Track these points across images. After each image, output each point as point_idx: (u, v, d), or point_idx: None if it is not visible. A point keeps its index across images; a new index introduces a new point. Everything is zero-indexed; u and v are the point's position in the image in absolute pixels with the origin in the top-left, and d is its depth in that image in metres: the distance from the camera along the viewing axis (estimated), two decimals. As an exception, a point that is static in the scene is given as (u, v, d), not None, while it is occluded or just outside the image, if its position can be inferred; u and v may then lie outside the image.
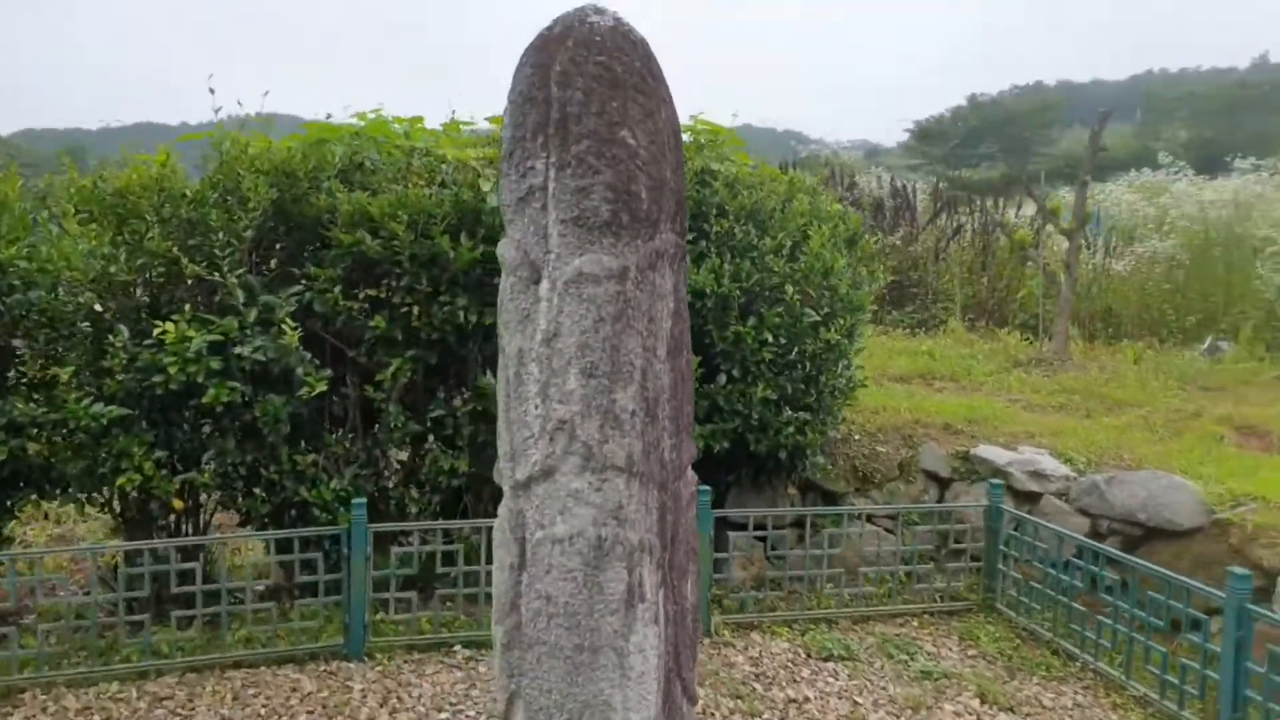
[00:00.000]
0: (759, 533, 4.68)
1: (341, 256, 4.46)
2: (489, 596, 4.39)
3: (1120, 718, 3.60)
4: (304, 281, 4.42)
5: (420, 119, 5.03)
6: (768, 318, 4.69)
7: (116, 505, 4.62)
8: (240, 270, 4.32)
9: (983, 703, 3.69)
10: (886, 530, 5.04)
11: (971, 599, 4.71)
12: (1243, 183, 10.15)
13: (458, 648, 4.20)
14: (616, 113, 2.41)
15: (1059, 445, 5.32)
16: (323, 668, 3.96)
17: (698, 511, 3.61)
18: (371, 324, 4.47)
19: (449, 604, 4.36)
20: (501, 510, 2.61)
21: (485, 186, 4.38)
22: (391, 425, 4.60)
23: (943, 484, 5.43)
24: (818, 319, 4.79)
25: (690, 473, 2.70)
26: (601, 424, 2.42)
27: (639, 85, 2.47)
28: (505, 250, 2.54)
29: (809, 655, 4.11)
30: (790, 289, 4.71)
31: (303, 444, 4.60)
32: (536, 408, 2.47)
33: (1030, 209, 11.41)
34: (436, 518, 4.71)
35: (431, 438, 4.68)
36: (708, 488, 4.36)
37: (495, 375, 4.54)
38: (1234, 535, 4.14)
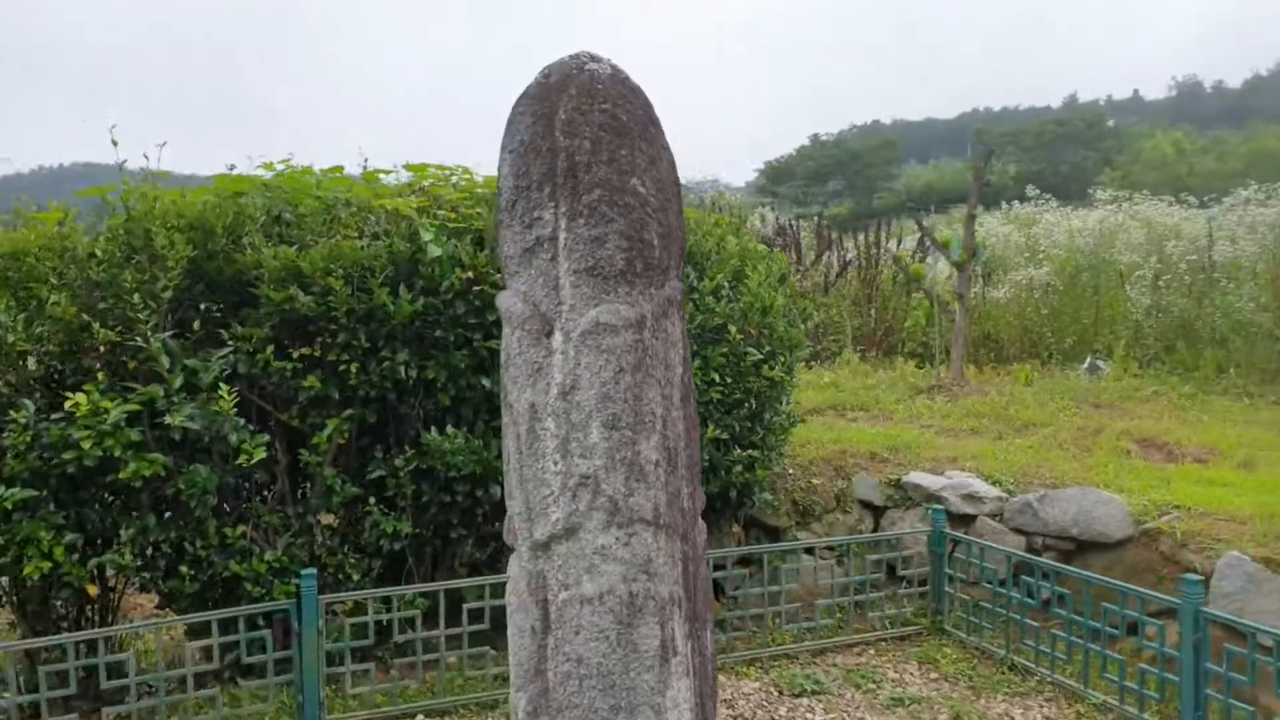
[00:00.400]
0: (718, 574, 4.66)
1: (270, 315, 4.24)
2: (450, 663, 4.22)
3: (1086, 728, 3.74)
4: (231, 342, 4.18)
5: (340, 168, 4.86)
6: (713, 358, 4.73)
7: (16, 596, 4.23)
8: (166, 334, 4.05)
9: (959, 725, 3.76)
10: (830, 560, 5.11)
11: (921, 623, 4.82)
12: (1105, 213, 10.98)
13: (420, 718, 3.99)
14: (625, 161, 2.39)
15: (983, 468, 5.53)
16: (277, 755, 3.69)
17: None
18: (305, 384, 4.26)
19: (408, 673, 4.15)
20: (515, 572, 2.51)
21: (426, 236, 4.26)
22: (328, 489, 4.38)
23: (877, 512, 5.56)
24: (760, 357, 4.85)
25: (701, 520, 2.67)
26: (627, 476, 2.37)
27: (643, 133, 2.46)
28: (509, 303, 2.47)
29: (781, 692, 4.11)
30: (733, 329, 4.76)
31: (229, 515, 4.33)
32: (556, 464, 2.39)
33: (910, 242, 11.95)
34: (378, 584, 4.50)
35: (372, 500, 4.47)
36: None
37: (440, 431, 4.44)
38: (1163, 544, 4.39)
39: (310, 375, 4.27)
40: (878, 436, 6.35)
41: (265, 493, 4.56)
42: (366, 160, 5.18)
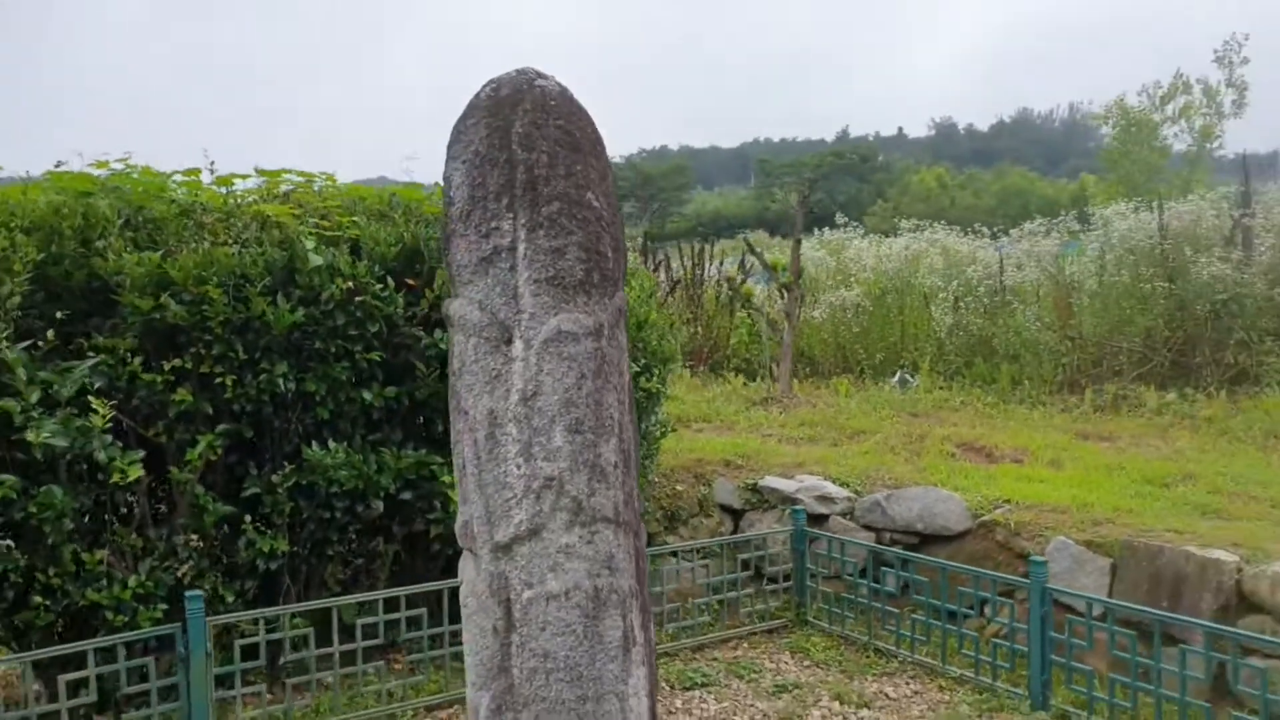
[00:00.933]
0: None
1: (134, 325, 4.00)
2: (344, 679, 4.10)
3: (951, 697, 4.14)
4: (92, 354, 3.90)
5: (197, 171, 4.62)
6: (592, 370, 4.85)
7: None
8: (22, 345, 3.73)
9: (842, 704, 4.06)
10: (694, 563, 5.33)
11: (786, 616, 5.13)
12: (909, 240, 12.01)
13: (309, 742, 3.87)
14: (581, 175, 2.51)
15: (829, 471, 5.95)
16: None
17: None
18: (175, 398, 4.04)
19: (299, 694, 4.01)
20: (473, 575, 2.54)
21: (308, 244, 4.15)
22: (199, 508, 4.16)
23: (737, 515, 5.86)
24: (637, 370, 5.02)
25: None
26: (589, 478, 2.47)
27: (593, 149, 2.58)
28: (464, 311, 2.51)
29: (673, 687, 4.27)
30: (609, 341, 4.91)
31: (84, 540, 4.03)
32: (519, 467, 2.45)
33: (730, 263, 12.56)
34: (253, 605, 4.30)
35: (248, 518, 4.28)
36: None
37: (323, 446, 4.32)
38: (999, 534, 4.91)
39: (180, 388, 4.06)
40: (727, 445, 6.67)
41: (125, 514, 4.26)
42: (214, 163, 4.95)
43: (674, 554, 5.22)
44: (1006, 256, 10.45)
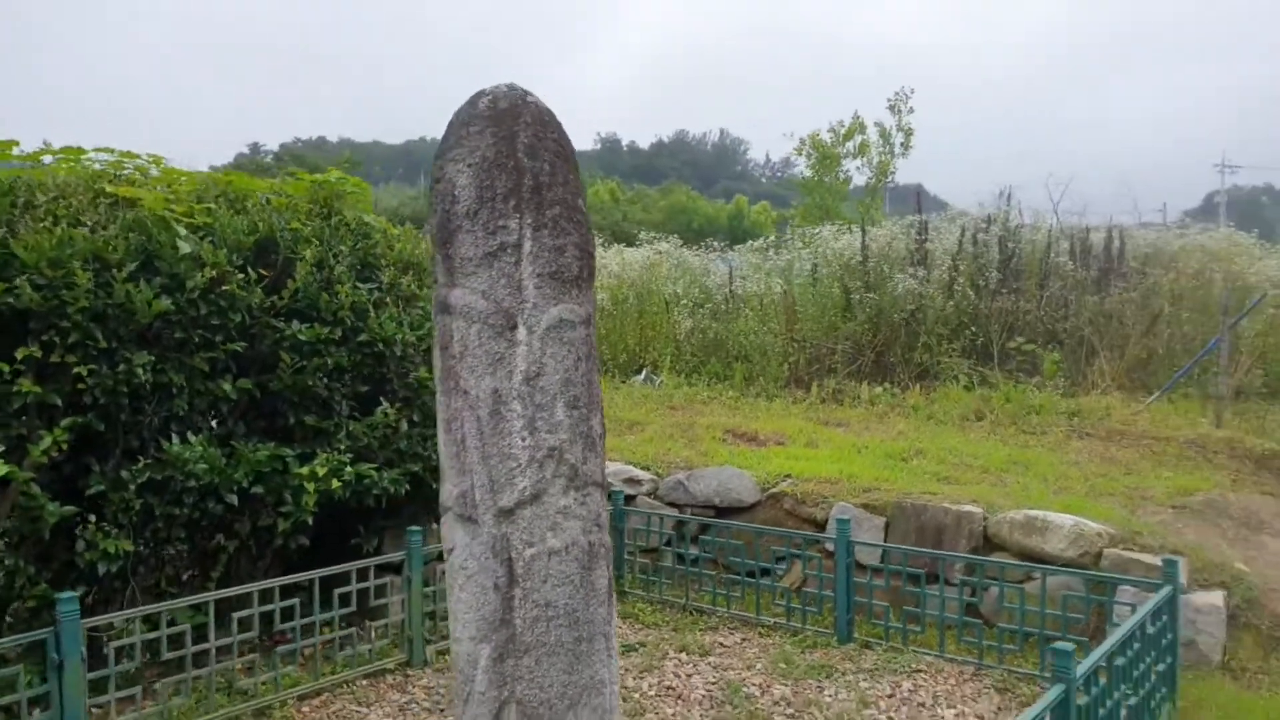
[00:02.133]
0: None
1: (-34, 310, 3.67)
2: (221, 674, 4.02)
3: (772, 642, 4.86)
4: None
5: (13, 143, 4.25)
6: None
7: None
8: None
9: (688, 654, 4.64)
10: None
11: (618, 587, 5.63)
12: (650, 250, 12.98)
13: (188, 740, 3.78)
14: (574, 184, 2.89)
15: (627, 457, 6.55)
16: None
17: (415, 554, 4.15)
18: (17, 388, 3.76)
19: (175, 693, 3.88)
20: (467, 540, 2.80)
21: (180, 230, 4.02)
22: (38, 510, 3.87)
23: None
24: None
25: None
26: (583, 447, 2.84)
27: (575, 162, 2.96)
28: (466, 300, 2.78)
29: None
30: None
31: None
32: (524, 440, 2.76)
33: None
34: (91, 611, 4.07)
35: (93, 518, 4.04)
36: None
37: (182, 440, 4.22)
38: (786, 503, 5.76)
39: (22, 379, 3.77)
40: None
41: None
42: (46, 141, 4.59)
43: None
44: (736, 270, 11.69)
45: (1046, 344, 9.84)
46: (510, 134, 2.79)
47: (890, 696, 4.05)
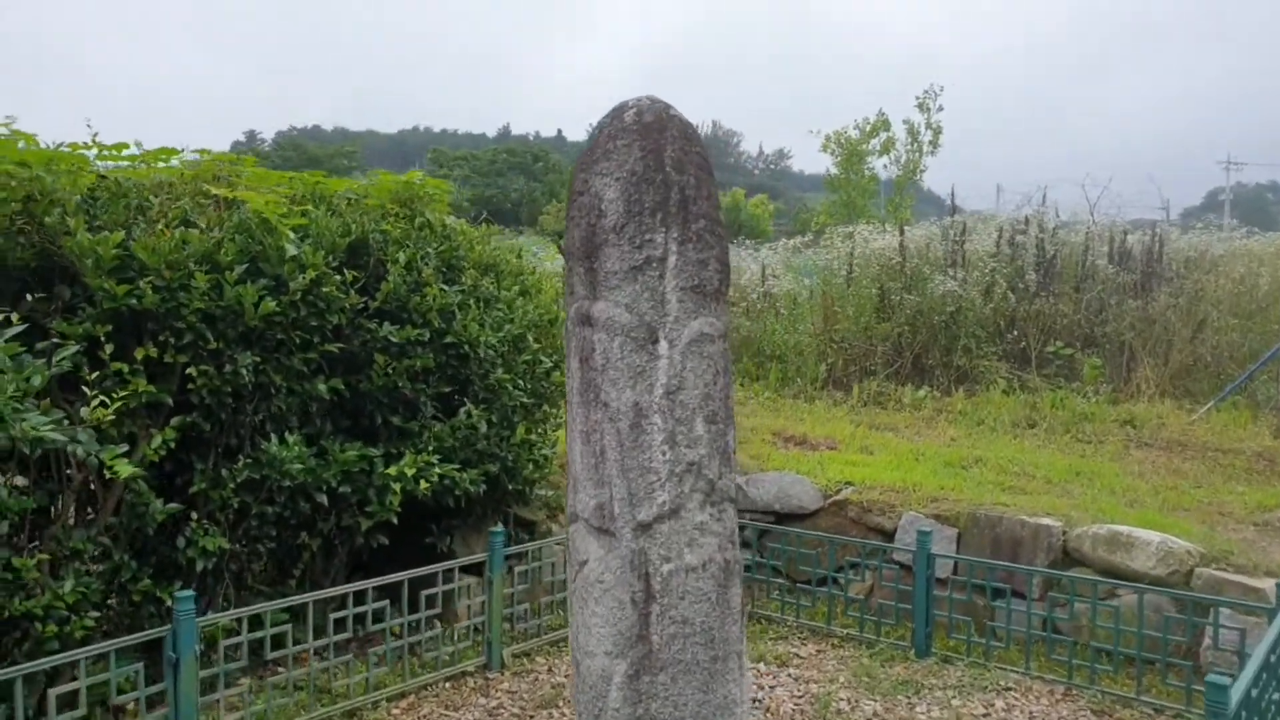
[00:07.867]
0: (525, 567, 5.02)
1: (104, 311, 3.69)
2: (327, 671, 4.04)
3: (847, 654, 4.87)
4: (57, 339, 3.57)
5: (124, 145, 4.27)
6: (517, 365, 5.08)
7: None
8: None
9: (766, 663, 4.66)
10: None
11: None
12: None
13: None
14: (715, 198, 2.91)
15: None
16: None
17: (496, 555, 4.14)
18: (133, 387, 3.78)
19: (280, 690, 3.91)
20: (602, 554, 2.82)
21: (289, 234, 4.04)
22: (145, 507, 3.89)
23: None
24: (550, 365, 5.30)
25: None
26: (720, 462, 2.86)
27: (713, 175, 2.96)
28: (612, 313, 2.79)
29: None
30: (531, 338, 5.16)
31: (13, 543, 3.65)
32: (664, 454, 2.78)
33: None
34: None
35: (194, 516, 4.07)
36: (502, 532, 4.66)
37: (281, 440, 4.24)
38: (850, 511, 5.78)
39: (136, 379, 3.79)
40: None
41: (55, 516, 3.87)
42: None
43: (560, 543, 5.55)
44: (767, 268, 11.68)
45: (1084, 348, 9.84)
46: (657, 147, 2.80)
47: (985, 716, 4.04)
